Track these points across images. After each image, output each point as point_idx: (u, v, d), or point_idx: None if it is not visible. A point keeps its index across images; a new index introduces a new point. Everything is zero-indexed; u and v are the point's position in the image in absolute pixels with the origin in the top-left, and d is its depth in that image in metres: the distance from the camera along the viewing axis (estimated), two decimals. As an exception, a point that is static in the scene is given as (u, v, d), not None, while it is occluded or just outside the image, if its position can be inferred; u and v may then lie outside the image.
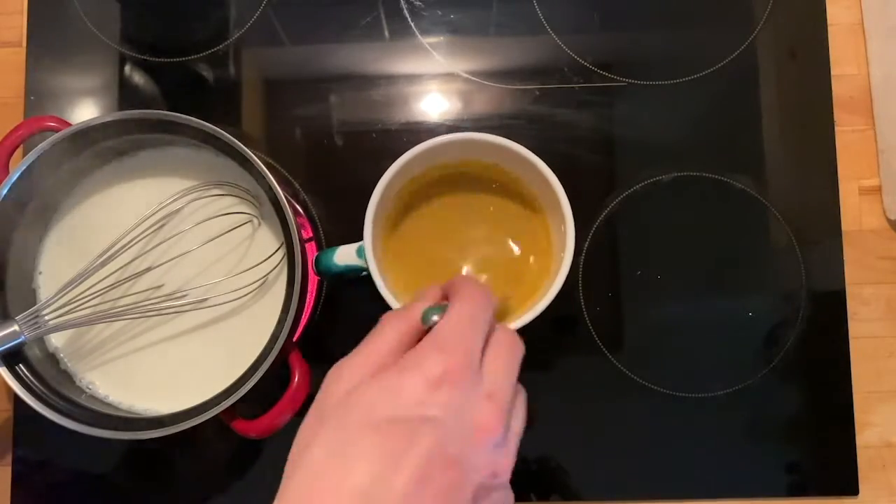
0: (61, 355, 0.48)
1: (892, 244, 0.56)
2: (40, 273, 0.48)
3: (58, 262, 0.48)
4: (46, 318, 0.44)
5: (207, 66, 0.57)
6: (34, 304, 0.46)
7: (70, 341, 0.48)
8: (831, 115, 0.56)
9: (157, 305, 0.46)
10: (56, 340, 0.48)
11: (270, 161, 0.56)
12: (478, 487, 0.29)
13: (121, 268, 0.46)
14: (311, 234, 0.53)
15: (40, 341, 0.47)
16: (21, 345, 0.43)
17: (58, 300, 0.44)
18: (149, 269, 0.46)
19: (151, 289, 0.47)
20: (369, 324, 0.55)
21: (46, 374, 0.46)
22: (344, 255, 0.45)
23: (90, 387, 0.47)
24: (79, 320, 0.44)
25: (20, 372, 0.44)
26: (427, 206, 0.48)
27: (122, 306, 0.46)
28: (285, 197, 0.44)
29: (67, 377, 0.47)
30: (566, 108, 0.57)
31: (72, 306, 0.44)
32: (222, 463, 0.54)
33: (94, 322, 0.45)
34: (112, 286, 0.46)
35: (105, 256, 0.45)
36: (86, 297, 0.44)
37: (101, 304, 0.46)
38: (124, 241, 0.45)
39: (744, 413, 0.54)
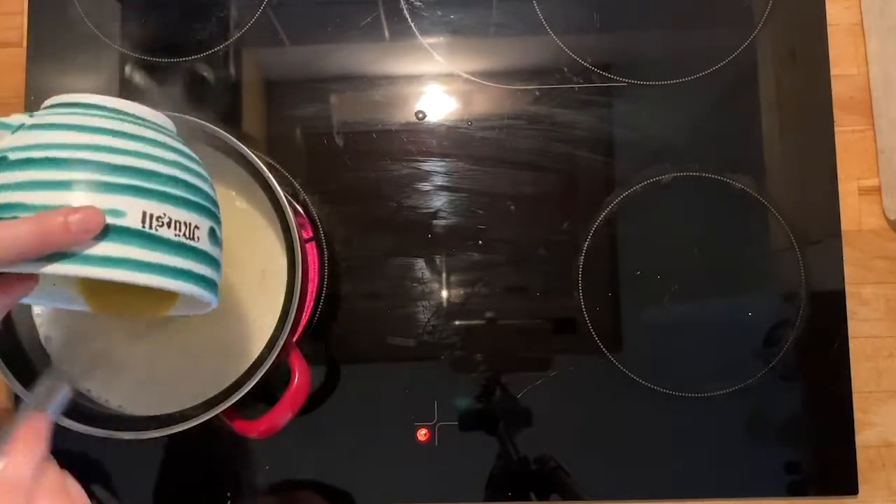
0: (59, 363, 0.48)
1: (891, 244, 0.56)
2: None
3: None
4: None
5: (207, 66, 0.57)
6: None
7: (66, 347, 0.48)
8: (831, 115, 0.56)
9: None
10: (52, 346, 0.48)
11: (270, 161, 0.56)
12: None
13: None
14: (311, 234, 0.53)
15: (38, 344, 0.47)
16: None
17: None
18: None
19: None
20: (369, 324, 0.55)
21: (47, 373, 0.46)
22: None
23: (89, 391, 0.47)
24: None
25: (21, 371, 0.44)
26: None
27: None
28: (285, 197, 0.44)
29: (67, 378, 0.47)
30: (566, 108, 0.57)
31: None
32: (222, 463, 0.54)
33: None
34: None
35: None
36: None
37: None
38: None
39: (743, 413, 0.54)
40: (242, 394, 0.42)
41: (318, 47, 0.58)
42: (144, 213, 0.32)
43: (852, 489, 0.53)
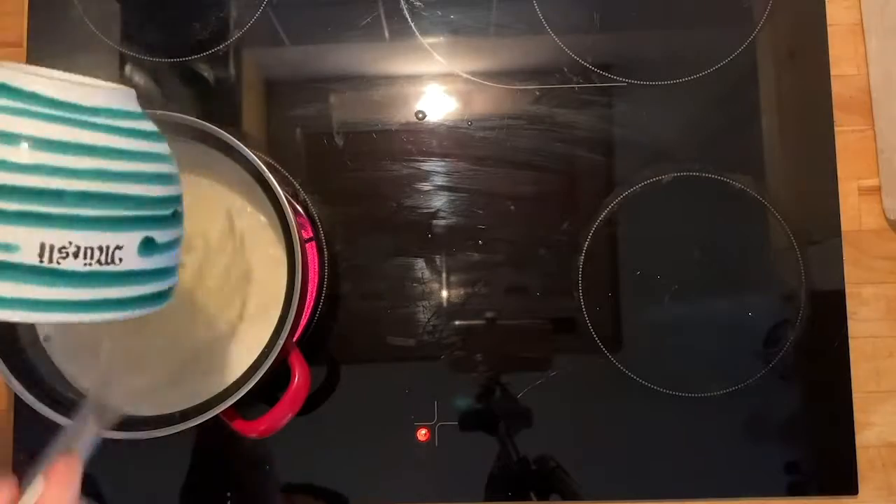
0: (59, 362, 0.47)
1: (891, 244, 0.56)
2: None
3: None
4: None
5: (207, 66, 0.57)
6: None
7: (65, 347, 0.48)
8: (831, 115, 0.56)
9: None
10: (51, 346, 0.48)
11: (270, 161, 0.56)
12: None
13: None
14: (311, 234, 0.53)
15: (38, 344, 0.47)
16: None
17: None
18: None
19: None
20: (369, 324, 0.55)
21: (47, 372, 0.46)
22: None
23: (87, 390, 0.47)
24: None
25: (21, 371, 0.44)
26: None
27: None
28: (285, 197, 0.44)
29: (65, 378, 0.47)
30: (566, 108, 0.57)
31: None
32: (222, 463, 0.54)
33: None
34: None
35: None
36: None
37: None
38: None
39: (743, 413, 0.54)
40: (242, 394, 0.42)
41: (318, 47, 0.58)
42: (43, 246, 0.27)
43: (852, 489, 0.53)
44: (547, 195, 0.56)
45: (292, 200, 0.49)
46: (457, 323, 0.55)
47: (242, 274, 0.47)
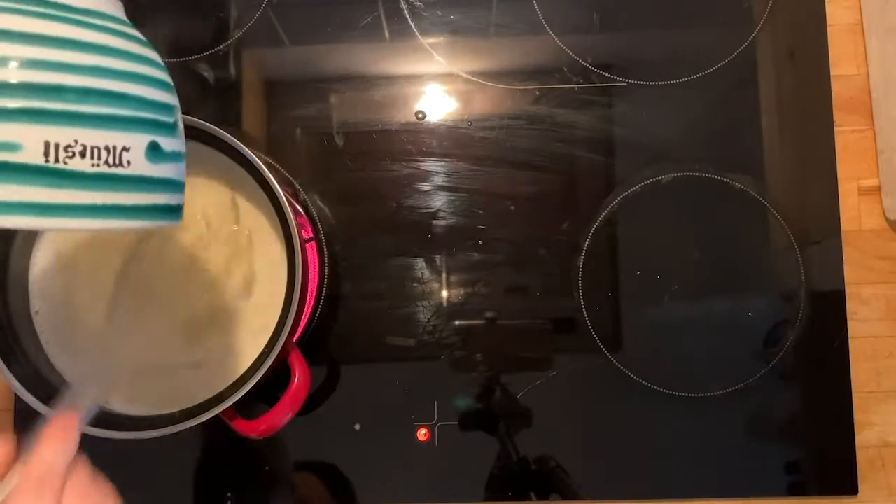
0: (58, 363, 0.47)
1: (891, 244, 0.56)
2: (35, 289, 0.48)
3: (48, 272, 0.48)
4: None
5: (207, 66, 0.58)
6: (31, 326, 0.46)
7: (64, 346, 0.48)
8: (831, 115, 0.56)
9: None
10: (47, 336, 0.48)
11: (270, 161, 0.56)
12: None
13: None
14: (311, 234, 0.53)
15: (38, 343, 0.47)
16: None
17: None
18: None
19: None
20: (369, 324, 0.55)
21: (47, 373, 0.46)
22: None
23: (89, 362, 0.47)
24: None
25: (21, 371, 0.44)
26: None
27: None
28: (285, 197, 0.44)
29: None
30: (566, 108, 0.57)
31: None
32: (222, 463, 0.54)
33: None
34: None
35: None
36: None
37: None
38: None
39: (743, 413, 0.54)
40: (242, 394, 0.42)
41: (318, 47, 0.58)
42: (48, 144, 0.26)
43: (852, 489, 0.53)
44: (547, 195, 0.56)
45: (292, 200, 0.49)
46: (457, 323, 0.55)
47: (245, 243, 0.47)
